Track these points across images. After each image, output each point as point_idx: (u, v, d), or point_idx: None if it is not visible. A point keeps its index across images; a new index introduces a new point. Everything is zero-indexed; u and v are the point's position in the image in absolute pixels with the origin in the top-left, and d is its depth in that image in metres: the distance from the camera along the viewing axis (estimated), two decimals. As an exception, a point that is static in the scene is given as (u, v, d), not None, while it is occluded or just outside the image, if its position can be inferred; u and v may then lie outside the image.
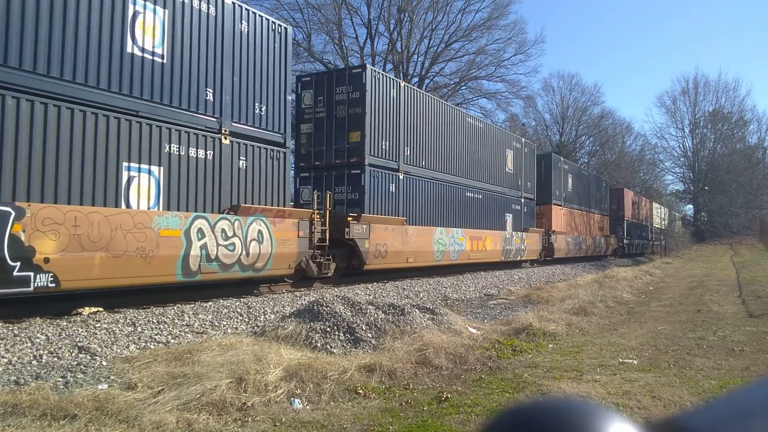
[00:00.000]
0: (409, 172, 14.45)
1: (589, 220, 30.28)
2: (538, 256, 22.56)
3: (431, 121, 15.70)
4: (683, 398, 4.54)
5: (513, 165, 20.86)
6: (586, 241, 29.02)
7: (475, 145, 18.07)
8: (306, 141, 13.66)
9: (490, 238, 18.42)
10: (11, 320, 6.51)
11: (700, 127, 62.75)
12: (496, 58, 38.20)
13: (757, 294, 12.34)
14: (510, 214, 20.27)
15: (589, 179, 31.91)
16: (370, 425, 3.95)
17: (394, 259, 13.23)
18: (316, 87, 13.60)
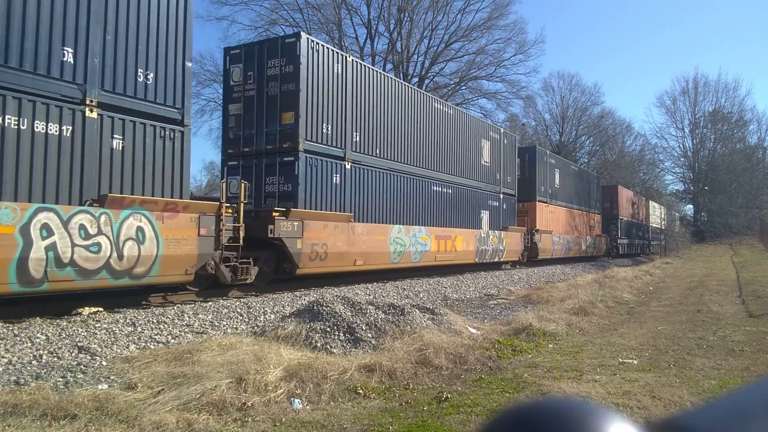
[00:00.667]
0: (358, 161, 12.52)
1: (580, 219, 28.73)
2: (520, 257, 20.75)
3: (389, 104, 13.81)
4: (683, 398, 4.54)
5: (490, 157, 19.05)
6: (576, 240, 27.35)
7: (444, 134, 16.35)
8: (234, 124, 11.66)
9: (462, 238, 16.55)
10: (11, 320, 6.51)
11: (700, 127, 62.79)
12: (496, 58, 38.22)
13: (757, 294, 12.34)
14: (486, 211, 18.61)
15: (580, 175, 30.08)
16: (370, 425, 3.95)
17: (337, 261, 11.41)
18: (246, 61, 11.55)
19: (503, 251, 19.30)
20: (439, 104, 16.62)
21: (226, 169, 11.75)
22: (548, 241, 23.16)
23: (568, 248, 25.74)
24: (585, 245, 28.85)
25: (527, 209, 22.32)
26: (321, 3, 34.03)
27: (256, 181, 11.13)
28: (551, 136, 55.34)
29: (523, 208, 22.16)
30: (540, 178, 23.35)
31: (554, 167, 25.31)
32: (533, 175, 22.87)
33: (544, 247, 22.47)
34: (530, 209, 22.46)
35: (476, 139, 18.36)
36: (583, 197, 29.65)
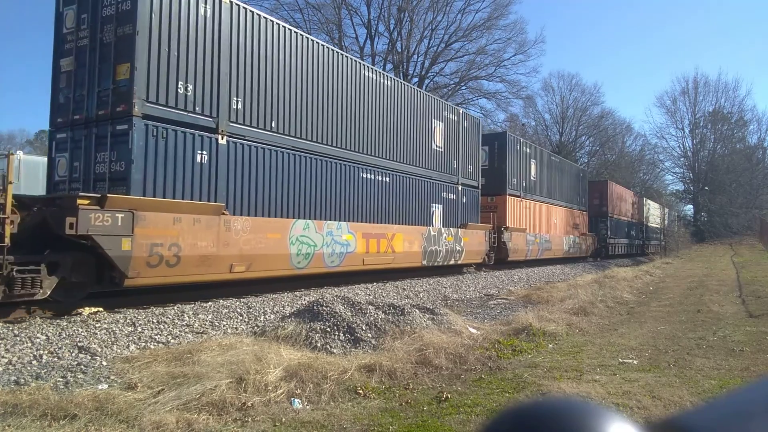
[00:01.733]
0: (241, 135, 9.55)
1: (562, 216, 25.65)
2: (484, 258, 18.05)
3: (296, 66, 10.84)
4: (683, 398, 4.54)
5: (444, 141, 16.06)
6: (556, 240, 24.38)
7: (379, 110, 13.30)
8: (66, 83, 8.87)
9: (403, 236, 13.57)
10: (11, 320, 6.51)
11: (700, 127, 62.82)
12: (496, 58, 38.25)
13: (757, 294, 12.34)
14: (439, 204, 15.62)
15: (562, 168, 26.82)
16: (370, 425, 3.95)
17: (198, 268, 8.41)
18: (81, 1, 8.83)
19: (461, 252, 16.31)
20: (373, 73, 13.44)
21: (54, 144, 8.97)
22: (521, 241, 20.40)
23: (546, 248, 22.92)
24: (568, 245, 25.84)
25: (496, 204, 19.56)
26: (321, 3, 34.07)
27: (86, 158, 8.45)
28: (551, 136, 55.40)
29: (491, 202, 19.49)
30: (512, 169, 20.41)
31: (530, 157, 22.29)
32: (503, 166, 19.91)
33: (515, 247, 19.75)
34: (500, 204, 19.63)
35: (425, 118, 15.19)
36: (566, 192, 26.72)
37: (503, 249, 19.09)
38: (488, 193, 19.46)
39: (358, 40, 36.74)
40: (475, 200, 18.03)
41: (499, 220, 19.43)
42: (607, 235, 31.92)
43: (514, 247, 19.66)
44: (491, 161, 20.07)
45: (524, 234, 20.87)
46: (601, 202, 32.29)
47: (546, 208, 23.87)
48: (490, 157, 20.10)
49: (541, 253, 22.56)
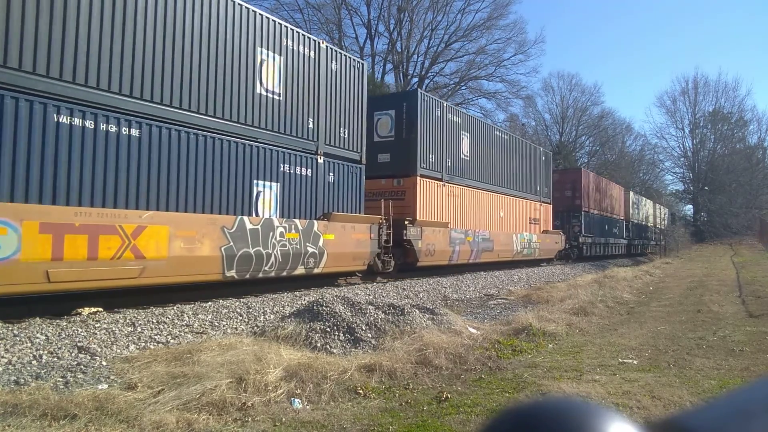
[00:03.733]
0: None
1: (513, 209, 20.48)
2: (369, 263, 12.55)
3: None
4: (683, 398, 4.54)
5: (283, 86, 10.55)
6: (502, 238, 19.10)
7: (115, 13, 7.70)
8: None
9: (170, 231, 8.16)
10: (11, 320, 6.51)
11: (700, 127, 62.88)
12: (496, 58, 38.23)
13: (757, 294, 12.34)
14: (272, 183, 10.18)
15: (514, 147, 20.95)
16: (370, 425, 3.95)
17: None
18: None
19: (321, 257, 10.92)
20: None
21: None
22: (440, 239, 15.14)
23: (485, 248, 17.87)
24: (521, 245, 20.60)
25: (404, 189, 14.46)
26: (321, 3, 34.04)
27: None
28: (551, 136, 55.43)
29: (397, 186, 14.55)
30: (427, 143, 14.97)
31: (459, 129, 16.91)
32: (412, 137, 14.45)
33: (430, 248, 14.51)
34: (408, 189, 14.42)
35: (242, 45, 9.71)
36: (522, 179, 21.55)
37: (409, 251, 13.87)
38: (393, 173, 14.55)
39: (358, 40, 36.75)
40: (354, 180, 12.32)
41: (404, 210, 14.13)
42: (580, 233, 27.16)
43: (427, 248, 14.34)
44: (397, 130, 14.72)
45: (446, 230, 15.40)
46: (573, 194, 27.62)
47: (487, 197, 18.48)
48: (396, 124, 14.72)
49: (477, 255, 17.34)
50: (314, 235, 10.90)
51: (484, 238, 17.98)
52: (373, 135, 14.71)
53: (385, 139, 14.99)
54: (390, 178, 14.74)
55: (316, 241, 10.92)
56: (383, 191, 14.55)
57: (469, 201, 17.41)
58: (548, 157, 25.64)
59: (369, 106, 13.58)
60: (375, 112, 14.75)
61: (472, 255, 17.21)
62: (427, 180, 15.03)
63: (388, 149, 14.94)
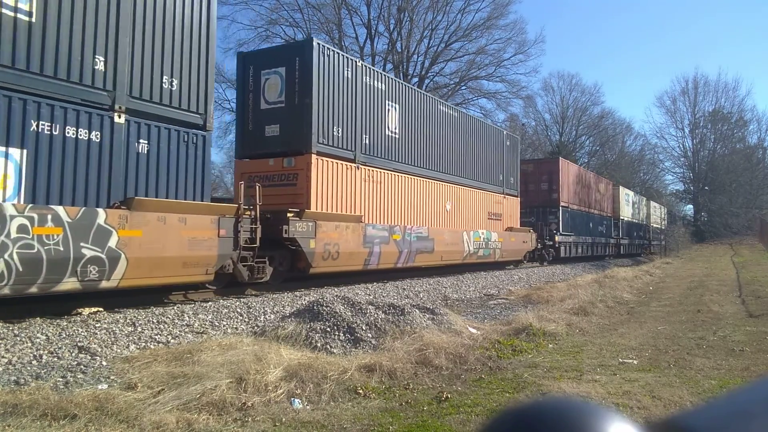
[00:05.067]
0: None
1: (465, 202, 17.18)
2: (227, 272, 9.25)
3: None
4: (683, 398, 4.54)
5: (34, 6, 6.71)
6: (447, 237, 15.68)
7: None
8: None
9: None
10: (11, 320, 6.51)
11: (699, 127, 62.94)
12: (496, 58, 38.10)
13: (757, 294, 12.34)
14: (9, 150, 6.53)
15: (466, 127, 17.64)
16: (370, 425, 3.95)
17: None
18: None
19: (114, 263, 7.28)
20: None
21: None
22: (348, 238, 11.68)
23: (422, 249, 14.36)
24: (475, 245, 17.13)
25: (295, 170, 11.21)
26: (321, 3, 33.97)
27: None
28: (551, 136, 55.46)
29: (288, 168, 11.27)
30: (329, 111, 11.63)
31: (384, 97, 13.37)
32: (307, 102, 11.14)
33: (329, 249, 11.15)
34: (301, 171, 11.16)
35: None
36: (478, 166, 18.20)
37: (299, 254, 10.65)
38: (284, 151, 11.38)
39: (358, 40, 36.68)
40: (193, 154, 8.79)
41: (297, 199, 11.11)
42: (558, 231, 23.78)
43: (325, 249, 10.96)
44: (289, 94, 11.41)
45: (358, 226, 12.05)
46: (550, 186, 24.45)
47: (426, 186, 15.11)
48: (287, 86, 11.42)
49: (409, 258, 13.86)
50: (98, 231, 7.08)
51: (419, 236, 14.30)
52: (259, 100, 11.74)
53: (274, 106, 11.55)
54: (280, 157, 11.37)
55: (101, 240, 7.10)
56: (271, 175, 11.38)
57: (398, 190, 13.83)
58: (514, 142, 21.86)
59: (255, 61, 11.64)
60: (262, 70, 11.68)
61: (401, 257, 13.56)
62: (330, 160, 11.61)
63: (278, 119, 11.47)
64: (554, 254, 23.65)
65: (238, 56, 12.52)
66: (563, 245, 24.22)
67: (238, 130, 12.39)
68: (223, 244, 8.85)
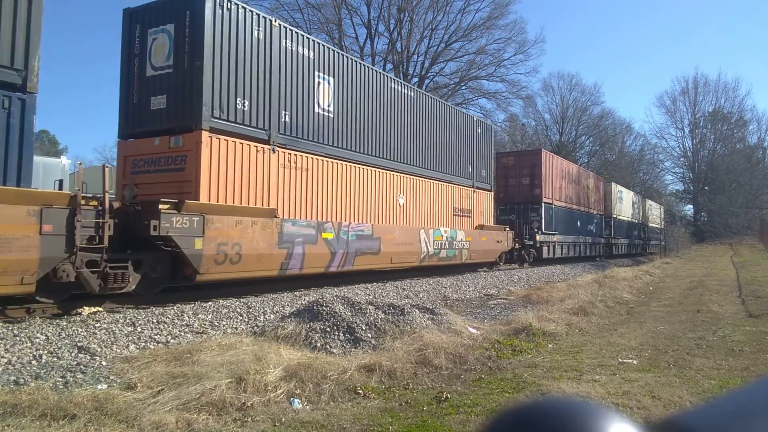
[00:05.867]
0: None
1: (424, 195, 14.90)
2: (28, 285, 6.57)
3: None
4: (683, 398, 4.54)
5: None
6: (399, 236, 13.44)
7: None
8: None
9: None
10: (11, 320, 6.51)
11: (699, 127, 63.02)
12: (496, 58, 38.12)
13: (756, 294, 12.35)
14: None
15: (421, 108, 15.04)
16: (370, 425, 3.95)
17: None
18: None
19: None
20: None
21: None
22: (255, 237, 9.42)
23: (360, 250, 12.09)
24: (433, 245, 14.91)
25: (183, 152, 9.04)
26: (321, 3, 33.97)
27: None
28: (551, 136, 55.47)
29: (175, 149, 9.09)
30: (229, 77, 9.41)
31: (313, 68, 11.13)
32: (198, 65, 9.03)
33: (226, 251, 8.90)
34: (189, 152, 8.99)
35: None
36: (442, 155, 16.03)
37: (182, 257, 8.34)
38: (171, 128, 9.17)
39: (358, 40, 36.68)
40: None
41: (184, 187, 8.92)
42: (540, 230, 21.94)
43: (220, 252, 8.73)
44: (178, 57, 9.21)
45: (271, 222, 9.69)
46: (532, 181, 22.50)
47: (371, 176, 12.84)
48: (176, 47, 9.23)
49: (347, 261, 11.69)
50: None
51: (360, 234, 12.11)
52: (145, 66, 9.58)
53: (161, 72, 9.38)
54: (166, 135, 9.18)
55: None
56: (157, 157, 9.29)
57: (332, 179, 11.59)
58: (487, 129, 19.26)
59: (142, 18, 9.70)
60: (149, 29, 9.61)
61: (335, 260, 11.32)
62: (231, 140, 9.31)
63: (166, 88, 9.31)
64: (535, 255, 21.78)
65: (123, 13, 10.02)
66: (546, 245, 22.32)
67: (122, 103, 9.94)
68: (49, 243, 6.70)
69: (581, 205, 27.46)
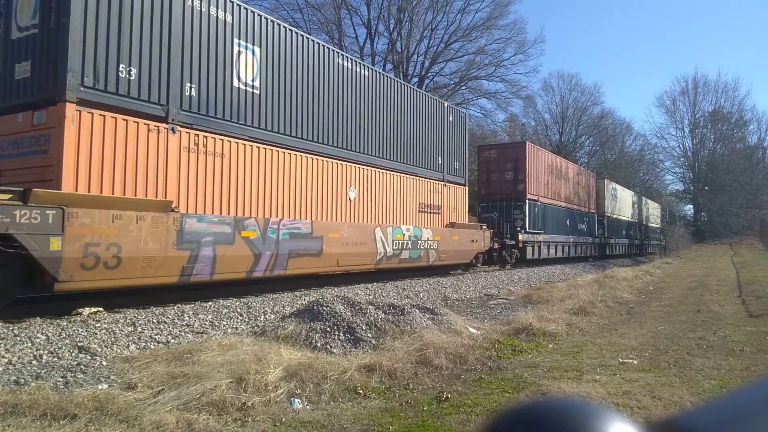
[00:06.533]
0: None
1: (376, 187, 12.99)
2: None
3: None
4: (683, 398, 4.54)
5: None
6: (350, 234, 11.80)
7: None
8: None
9: None
10: (11, 320, 6.51)
11: (699, 127, 63.03)
12: (495, 58, 38.13)
13: (757, 294, 12.34)
14: None
15: (378, 88, 13.33)
16: (370, 425, 3.95)
17: None
18: None
19: None
20: None
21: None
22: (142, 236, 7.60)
23: (295, 251, 10.32)
24: (392, 245, 13.15)
25: (46, 130, 7.32)
26: (321, 3, 33.95)
27: None
28: (551, 136, 55.41)
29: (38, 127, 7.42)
30: (105, 37, 7.55)
31: (232, 34, 9.47)
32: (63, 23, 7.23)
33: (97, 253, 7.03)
34: (53, 130, 7.23)
35: None
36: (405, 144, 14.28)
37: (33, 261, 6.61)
38: (35, 101, 7.57)
39: (358, 40, 36.67)
40: None
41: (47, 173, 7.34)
42: (523, 229, 20.52)
43: (85, 254, 6.94)
44: (44, 14, 7.58)
45: (167, 218, 8.06)
46: (516, 176, 20.96)
47: (313, 164, 11.09)
48: (44, 3, 7.58)
49: (277, 264, 9.92)
50: None
51: (295, 232, 10.27)
52: (11, 26, 7.90)
53: (27, 34, 7.75)
54: (30, 110, 7.57)
55: None
56: (20, 138, 7.64)
57: (259, 168, 9.78)
58: (460, 118, 17.37)
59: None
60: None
61: (261, 263, 9.54)
62: (111, 115, 7.66)
63: (30, 53, 7.70)
64: (518, 256, 20.21)
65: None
66: (530, 245, 20.80)
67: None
68: None
69: (571, 202, 25.95)
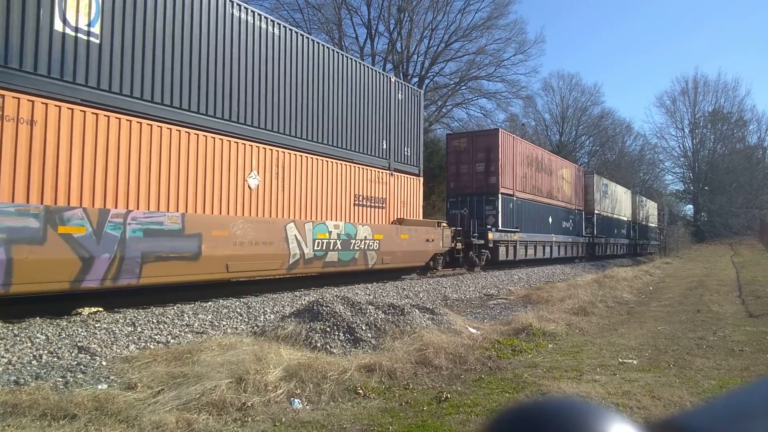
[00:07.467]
0: None
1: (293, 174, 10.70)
2: None
3: None
4: (683, 398, 4.54)
5: None
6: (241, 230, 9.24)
7: None
8: None
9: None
10: (11, 320, 6.51)
11: (699, 127, 63.05)
12: (495, 58, 38.17)
13: (757, 294, 12.34)
14: None
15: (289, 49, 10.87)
16: (370, 425, 3.95)
17: None
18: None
19: None
20: None
21: None
22: None
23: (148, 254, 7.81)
24: (312, 245, 10.86)
25: None
26: (321, 3, 33.98)
27: None
28: (551, 136, 55.43)
29: None
30: None
31: None
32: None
33: None
34: None
35: None
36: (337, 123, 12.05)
37: None
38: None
39: (358, 40, 36.68)
40: None
41: None
42: (493, 227, 18.08)
43: None
44: None
45: None
46: (488, 168, 18.54)
47: (192, 140, 8.82)
48: None
49: (123, 270, 7.53)
50: None
51: (154, 229, 7.99)
52: None
53: None
54: None
55: None
56: None
57: (97, 141, 7.52)
58: (412, 96, 14.90)
59: None
60: None
61: (94, 270, 7.22)
62: None
63: None
64: (489, 257, 18.00)
65: None
66: (503, 245, 18.40)
67: None
68: None
69: (554, 198, 23.39)
